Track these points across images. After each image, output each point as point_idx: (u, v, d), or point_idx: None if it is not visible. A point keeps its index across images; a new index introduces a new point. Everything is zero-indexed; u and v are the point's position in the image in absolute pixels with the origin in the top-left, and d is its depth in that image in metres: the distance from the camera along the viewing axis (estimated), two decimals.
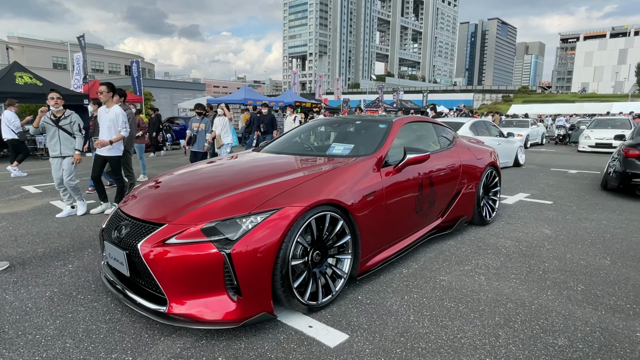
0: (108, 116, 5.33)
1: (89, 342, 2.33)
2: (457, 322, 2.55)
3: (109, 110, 5.34)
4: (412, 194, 3.46)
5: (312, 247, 2.65)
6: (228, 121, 8.33)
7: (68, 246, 4.11)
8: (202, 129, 8.00)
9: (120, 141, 5.46)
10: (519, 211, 5.51)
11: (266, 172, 3.07)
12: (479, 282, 3.15)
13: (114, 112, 5.32)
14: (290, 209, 2.47)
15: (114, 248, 2.59)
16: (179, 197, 2.75)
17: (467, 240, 4.19)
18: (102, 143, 5.29)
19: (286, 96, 23.57)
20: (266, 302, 2.37)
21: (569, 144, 18.81)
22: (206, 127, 8.03)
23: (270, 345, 2.30)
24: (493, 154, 4.96)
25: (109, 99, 5.33)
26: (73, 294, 2.99)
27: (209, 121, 8.05)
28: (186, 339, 2.36)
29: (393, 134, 3.61)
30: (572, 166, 10.75)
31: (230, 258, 2.23)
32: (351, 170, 3.05)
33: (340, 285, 2.82)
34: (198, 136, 8.01)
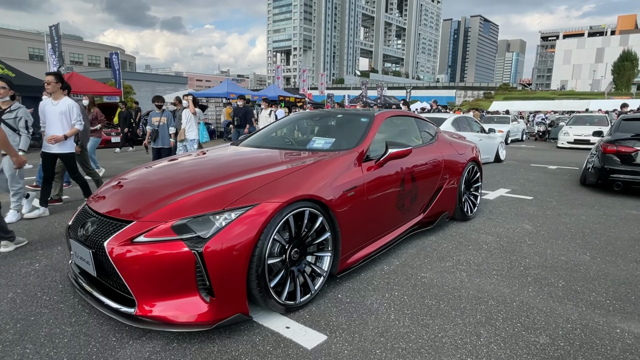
0: (58, 109, 4.81)
1: (51, 347, 2.19)
2: (438, 320, 2.49)
3: (57, 103, 4.82)
4: (394, 189, 3.39)
5: (290, 245, 2.55)
6: (193, 115, 7.83)
7: (36, 244, 3.92)
8: (164, 123, 7.44)
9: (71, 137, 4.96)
10: (499, 206, 5.52)
11: (243, 166, 2.95)
12: (461, 279, 3.11)
13: (65, 105, 4.83)
14: (267, 204, 2.37)
15: (79, 246, 2.45)
16: (150, 193, 2.61)
17: (448, 236, 4.16)
18: (55, 138, 4.75)
19: (270, 90, 23.32)
20: (241, 302, 2.27)
21: (548, 140, 19.14)
22: (168, 120, 7.47)
23: (245, 348, 2.20)
24: (475, 149, 4.94)
25: (57, 90, 4.81)
26: (38, 295, 2.83)
27: (170, 114, 7.55)
28: (156, 342, 2.24)
29: (375, 128, 3.53)
30: (551, 162, 10.91)
31: (202, 257, 2.12)
32: (332, 164, 2.96)
33: (319, 283, 2.73)
34: (160, 131, 7.43)
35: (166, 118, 7.46)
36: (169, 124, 7.45)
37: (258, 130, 4.43)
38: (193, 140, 7.83)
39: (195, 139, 7.85)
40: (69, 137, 4.89)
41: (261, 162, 3.14)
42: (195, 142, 7.87)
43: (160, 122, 7.43)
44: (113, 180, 3.09)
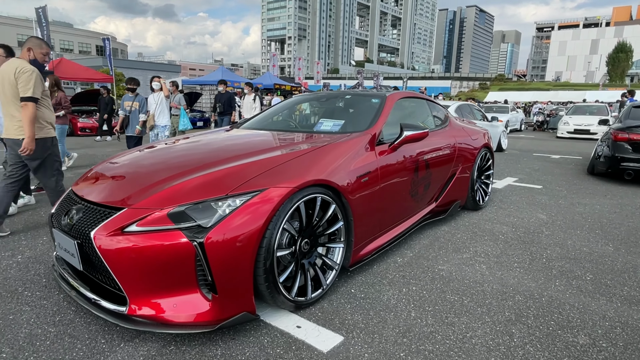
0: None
1: (31, 351, 1.93)
2: (464, 318, 2.26)
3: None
4: (408, 175, 3.14)
5: (300, 235, 2.29)
6: (165, 99, 7.04)
7: (20, 234, 3.63)
8: (136, 108, 6.76)
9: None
10: (509, 195, 5.30)
11: (246, 149, 2.68)
12: (481, 272, 2.88)
13: None
14: (276, 190, 2.10)
15: (63, 237, 2.17)
16: (142, 177, 2.33)
17: (461, 226, 3.93)
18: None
19: (265, 78, 22.88)
20: (247, 300, 2.01)
21: (547, 130, 18.99)
22: (140, 106, 6.79)
23: (252, 351, 1.95)
24: (486, 135, 4.70)
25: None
26: (19, 290, 2.55)
27: (143, 99, 6.87)
28: (151, 345, 1.98)
29: (387, 109, 3.26)
30: (553, 151, 10.72)
31: (203, 249, 1.85)
32: (343, 147, 2.69)
33: (331, 277, 2.48)
34: (131, 117, 6.78)
35: (138, 103, 6.78)
36: (141, 110, 6.77)
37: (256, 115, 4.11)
38: (164, 127, 7.08)
39: (167, 126, 7.17)
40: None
41: (265, 144, 2.87)
42: (167, 130, 7.19)
43: (132, 107, 6.78)
44: (101, 165, 2.81)
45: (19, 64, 3.37)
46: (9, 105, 3.47)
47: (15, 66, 3.35)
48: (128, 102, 6.78)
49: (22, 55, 3.54)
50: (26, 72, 3.33)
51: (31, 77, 3.34)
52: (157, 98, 6.96)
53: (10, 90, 3.38)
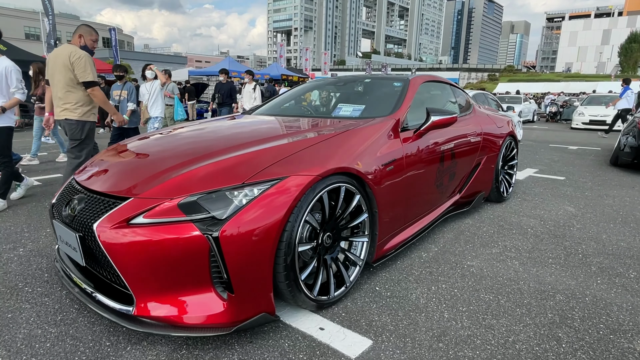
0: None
1: (30, 354, 1.75)
2: (503, 320, 2.05)
3: None
4: (433, 164, 2.92)
5: (322, 229, 2.09)
6: (160, 87, 6.48)
7: (23, 225, 3.46)
8: (125, 97, 6.23)
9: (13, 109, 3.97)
10: (532, 187, 5.05)
11: (261, 135, 2.47)
12: (514, 269, 2.66)
13: (2, 66, 3.82)
14: (297, 178, 1.89)
15: (64, 229, 1.98)
16: (149, 165, 2.14)
17: (486, 219, 3.71)
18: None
19: (272, 69, 22.59)
20: (266, 299, 1.82)
21: (560, 121, 18.57)
22: (129, 94, 6.23)
23: (272, 356, 1.75)
24: (511, 122, 4.44)
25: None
26: (19, 285, 2.38)
27: (132, 87, 6.33)
28: (160, 349, 1.80)
29: (411, 93, 3.02)
30: (570, 142, 10.41)
31: (218, 243, 1.65)
32: (366, 133, 2.47)
33: (354, 274, 2.28)
34: (121, 107, 6.24)
35: (127, 91, 6.24)
36: (129, 99, 6.22)
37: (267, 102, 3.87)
38: (156, 118, 6.49)
39: (159, 117, 6.57)
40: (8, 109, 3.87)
41: (281, 130, 2.66)
42: (159, 121, 6.61)
43: (120, 96, 6.27)
44: (104, 153, 2.61)
45: (72, 49, 3.54)
46: (57, 87, 3.64)
47: (69, 51, 3.52)
48: (117, 91, 6.35)
49: (74, 42, 3.70)
50: (81, 57, 3.52)
51: (87, 62, 3.55)
52: (151, 87, 6.38)
53: (62, 73, 3.55)
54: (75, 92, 3.65)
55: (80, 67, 3.52)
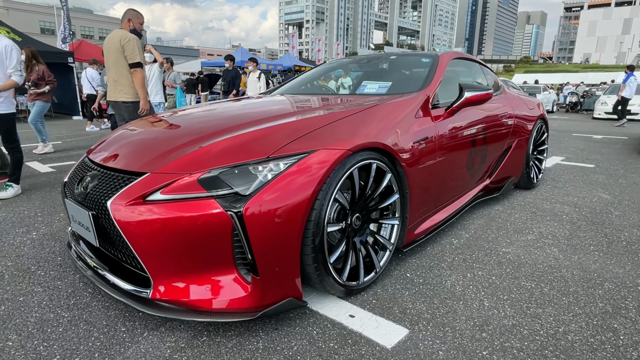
0: None
1: (41, 339, 1.64)
2: (549, 309, 1.87)
3: None
4: (465, 144, 2.73)
5: (351, 209, 1.93)
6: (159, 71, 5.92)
7: (36, 209, 3.38)
8: None
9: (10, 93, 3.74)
10: (561, 174, 4.81)
11: (284, 111, 2.31)
12: (554, 256, 2.47)
13: (2, 45, 3.56)
14: (327, 152, 1.73)
15: (77, 208, 1.86)
16: (167, 140, 1.99)
17: (516, 206, 3.50)
18: None
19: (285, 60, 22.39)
20: (292, 283, 1.67)
21: (581, 111, 18.03)
22: None
23: (300, 344, 1.61)
24: (541, 105, 4.20)
25: None
26: (31, 269, 2.28)
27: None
28: (179, 335, 1.67)
29: (441, 69, 2.83)
30: (594, 132, 10.04)
31: (241, 221, 1.51)
32: (396, 108, 2.29)
33: (384, 259, 2.12)
34: None
35: None
36: None
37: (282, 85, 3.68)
38: (158, 105, 5.99)
39: (162, 103, 6.15)
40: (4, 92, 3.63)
41: (305, 106, 2.50)
42: (161, 108, 6.22)
43: None
44: (117, 131, 2.48)
45: (122, 33, 3.78)
46: (112, 70, 3.87)
47: (120, 35, 3.76)
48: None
49: (123, 26, 3.91)
50: (131, 40, 3.74)
51: (135, 45, 3.76)
52: (149, 72, 5.88)
53: (116, 56, 3.79)
54: (128, 74, 3.86)
55: (129, 49, 3.74)
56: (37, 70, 5.93)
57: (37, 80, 6.00)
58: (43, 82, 6.04)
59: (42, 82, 6.02)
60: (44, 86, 6.05)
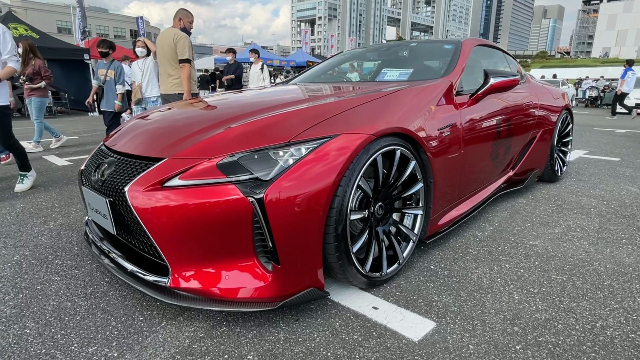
0: None
1: (58, 327, 1.61)
2: (583, 303, 1.78)
3: None
4: (490, 133, 2.63)
5: (374, 197, 1.86)
6: (154, 64, 5.38)
7: (54, 201, 3.39)
8: (111, 77, 5.51)
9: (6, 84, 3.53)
10: (586, 168, 4.65)
11: (303, 97, 2.25)
12: (584, 249, 2.36)
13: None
14: (350, 137, 1.66)
15: (94, 195, 1.82)
16: (185, 126, 1.94)
17: (540, 199, 3.38)
18: None
19: (298, 56, 22.32)
20: (314, 273, 1.61)
21: (601, 106, 17.58)
22: (116, 74, 5.49)
23: (323, 336, 1.55)
24: (566, 95, 4.06)
25: None
26: (49, 258, 2.27)
27: (119, 66, 5.57)
28: (198, 325, 1.62)
29: (464, 55, 2.73)
30: (616, 126, 9.76)
31: (262, 206, 1.45)
32: (419, 94, 2.21)
33: (408, 249, 2.04)
34: (106, 89, 5.52)
35: (114, 71, 5.52)
36: (117, 80, 5.53)
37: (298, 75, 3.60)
38: (155, 100, 5.52)
39: (159, 98, 5.54)
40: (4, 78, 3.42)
41: (325, 92, 2.43)
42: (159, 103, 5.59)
43: (106, 75, 5.50)
44: (133, 120, 2.45)
45: (175, 31, 4.09)
46: (166, 65, 4.18)
47: (173, 33, 4.07)
48: (102, 70, 5.59)
49: (175, 25, 4.22)
50: (182, 38, 4.05)
51: (185, 42, 4.06)
52: (144, 65, 5.51)
53: (169, 53, 4.10)
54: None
55: (180, 45, 4.05)
56: (34, 64, 5.65)
57: (33, 75, 5.71)
58: (38, 77, 5.77)
59: (37, 77, 5.75)
60: (40, 81, 5.78)
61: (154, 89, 5.51)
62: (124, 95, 5.60)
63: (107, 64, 5.56)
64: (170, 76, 4.21)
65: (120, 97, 5.53)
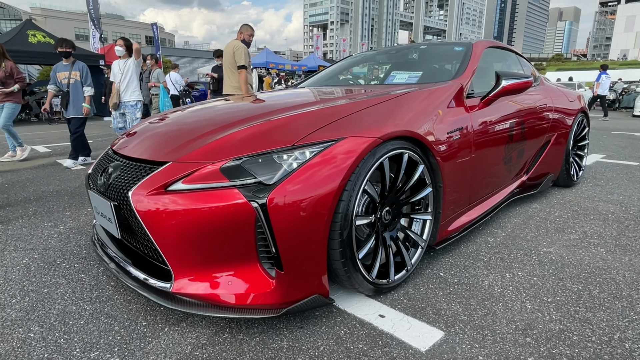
0: None
1: (62, 332, 1.60)
2: (600, 314, 1.70)
3: None
4: (502, 137, 2.56)
5: (381, 202, 1.82)
6: (134, 65, 5.09)
7: (65, 205, 3.42)
8: (77, 79, 5.01)
9: None
10: (603, 172, 4.52)
11: (310, 100, 2.22)
12: (602, 257, 2.28)
13: None
14: (356, 140, 1.63)
15: (99, 199, 1.82)
16: (189, 131, 1.93)
17: (555, 204, 3.29)
18: None
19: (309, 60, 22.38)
20: (318, 279, 1.57)
21: (620, 109, 17.19)
22: (82, 75, 5.02)
23: (327, 344, 1.51)
24: (582, 98, 3.96)
25: None
26: (57, 261, 2.28)
27: (84, 67, 5.09)
28: (201, 331, 1.60)
29: (475, 57, 2.67)
30: (635, 129, 9.51)
31: (265, 212, 1.42)
32: (428, 97, 2.16)
33: (416, 256, 1.99)
34: (72, 92, 5.01)
35: (78, 72, 5.03)
36: (84, 82, 5.05)
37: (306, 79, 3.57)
38: (135, 104, 5.15)
39: (139, 103, 5.24)
40: None
41: (332, 95, 2.40)
42: (138, 109, 5.29)
43: (69, 78, 4.97)
44: (140, 125, 2.45)
45: (235, 43, 4.84)
46: (227, 71, 4.90)
47: (233, 44, 4.82)
48: (63, 73, 5.05)
49: (237, 37, 4.97)
50: (240, 48, 4.76)
51: (242, 52, 4.75)
52: (124, 66, 5.09)
53: (229, 60, 4.82)
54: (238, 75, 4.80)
55: (238, 54, 4.73)
56: (4, 67, 5.24)
57: (5, 79, 5.29)
58: (12, 81, 5.35)
59: (11, 79, 5.34)
60: (13, 85, 5.35)
61: (134, 92, 5.19)
62: (92, 98, 5.22)
63: (68, 66, 5.07)
64: (229, 79, 4.90)
65: (88, 100, 5.10)
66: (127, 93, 5.20)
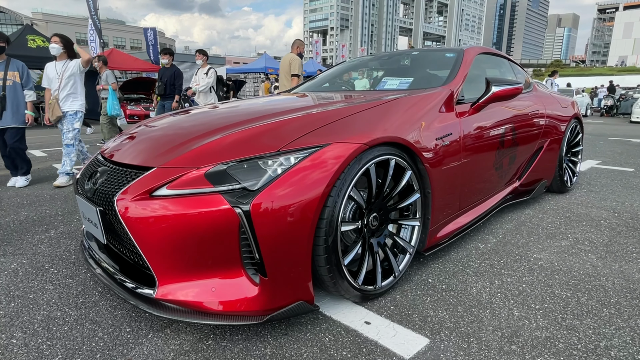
0: None
1: (45, 338, 1.59)
2: (587, 321, 1.69)
3: None
4: (492, 143, 2.56)
5: (368, 207, 1.81)
6: (78, 68, 4.27)
7: (57, 210, 3.41)
8: (15, 81, 4.14)
9: None
10: (597, 178, 4.53)
11: (298, 106, 2.22)
12: (592, 263, 2.27)
13: None
14: (341, 146, 1.63)
15: (86, 204, 1.82)
16: (177, 135, 1.93)
17: (548, 210, 3.28)
18: None
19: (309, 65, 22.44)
20: (303, 286, 1.57)
21: (617, 115, 17.24)
22: (22, 76, 4.18)
23: (311, 351, 1.50)
24: (575, 104, 3.96)
25: None
26: (45, 266, 2.27)
27: (24, 66, 4.25)
28: (184, 338, 1.59)
29: (466, 63, 2.68)
30: (632, 135, 9.53)
31: (249, 217, 1.42)
32: (418, 102, 2.16)
33: (404, 262, 1.99)
34: (9, 97, 4.08)
35: (17, 72, 4.16)
36: (25, 84, 4.22)
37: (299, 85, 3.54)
38: (74, 115, 4.33)
39: (79, 112, 4.38)
40: None
41: (321, 101, 2.40)
42: (78, 118, 4.39)
43: (5, 80, 4.06)
44: (132, 129, 2.45)
45: (292, 56, 5.96)
46: (284, 79, 6.03)
47: (290, 57, 5.94)
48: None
49: (293, 50, 6.09)
50: (295, 60, 5.89)
51: (296, 63, 5.87)
52: (61, 68, 4.25)
53: (285, 69, 5.95)
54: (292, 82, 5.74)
55: (293, 65, 5.85)
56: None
57: None
58: None
59: None
60: None
61: (76, 101, 4.34)
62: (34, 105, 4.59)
63: (1, 64, 4.11)
64: (284, 86, 5.88)
65: (30, 106, 4.28)
66: (66, 101, 4.29)
